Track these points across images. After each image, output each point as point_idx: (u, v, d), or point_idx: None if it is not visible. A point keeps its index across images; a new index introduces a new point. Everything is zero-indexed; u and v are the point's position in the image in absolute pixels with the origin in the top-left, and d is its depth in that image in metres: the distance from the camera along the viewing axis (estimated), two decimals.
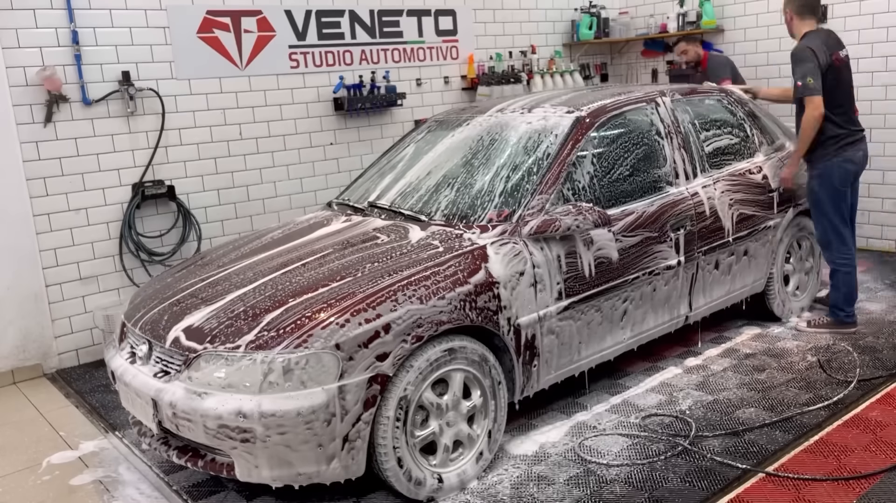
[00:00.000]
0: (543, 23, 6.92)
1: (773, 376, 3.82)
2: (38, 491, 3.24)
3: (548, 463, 3.14)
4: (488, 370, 3.04)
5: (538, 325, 3.19)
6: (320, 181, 5.68)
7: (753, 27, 6.44)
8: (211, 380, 2.71)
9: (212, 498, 3.06)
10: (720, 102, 4.40)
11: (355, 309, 2.73)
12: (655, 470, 3.02)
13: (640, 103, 3.92)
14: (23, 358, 4.57)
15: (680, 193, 3.83)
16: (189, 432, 2.74)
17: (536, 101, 4.00)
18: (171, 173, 4.99)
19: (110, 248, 4.83)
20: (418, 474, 2.85)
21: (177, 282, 3.38)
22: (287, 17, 5.37)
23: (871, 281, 5.21)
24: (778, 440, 3.19)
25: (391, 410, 2.74)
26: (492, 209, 3.34)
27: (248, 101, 5.27)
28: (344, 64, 5.68)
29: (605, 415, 3.52)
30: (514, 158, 3.56)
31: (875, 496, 2.75)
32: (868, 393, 3.57)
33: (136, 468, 3.35)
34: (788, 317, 4.58)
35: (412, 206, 3.60)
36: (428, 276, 2.92)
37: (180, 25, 4.93)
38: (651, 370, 3.99)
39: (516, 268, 3.12)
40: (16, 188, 4.42)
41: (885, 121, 5.75)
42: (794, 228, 4.51)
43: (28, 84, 4.42)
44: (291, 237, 3.60)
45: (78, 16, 4.54)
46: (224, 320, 2.85)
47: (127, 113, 4.75)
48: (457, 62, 6.33)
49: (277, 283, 3.02)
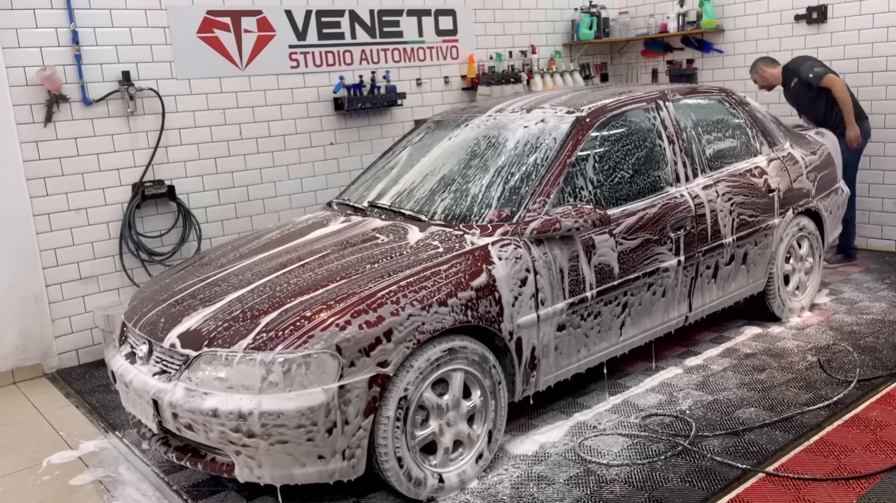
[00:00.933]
0: (543, 23, 6.92)
1: (773, 376, 3.82)
2: (38, 491, 3.24)
3: (548, 463, 3.14)
4: (488, 370, 3.04)
5: (539, 325, 3.18)
6: (320, 181, 5.68)
7: (753, 27, 6.44)
8: (211, 381, 2.71)
9: (212, 498, 3.06)
10: (721, 103, 4.40)
11: (355, 310, 2.73)
12: (655, 470, 3.02)
13: (640, 103, 3.92)
14: (23, 358, 4.57)
15: (680, 194, 3.83)
16: (189, 432, 2.75)
17: (536, 101, 4.00)
18: (171, 173, 4.99)
19: (110, 248, 4.83)
20: (418, 474, 2.85)
21: (177, 282, 3.38)
22: (287, 16, 5.37)
23: (872, 281, 5.21)
24: (778, 440, 3.19)
25: (391, 410, 2.74)
26: (492, 209, 3.34)
27: (248, 100, 5.27)
28: (344, 64, 5.68)
29: (605, 415, 3.52)
30: (515, 159, 3.56)
31: (875, 496, 2.75)
32: (868, 393, 3.57)
33: (136, 468, 3.35)
34: (788, 317, 4.58)
35: (412, 207, 3.60)
36: (428, 277, 2.92)
37: (180, 25, 4.93)
38: (651, 370, 3.99)
39: (517, 269, 3.12)
40: (16, 188, 4.42)
41: (885, 121, 5.75)
42: (794, 229, 4.51)
43: (28, 84, 4.42)
44: (291, 237, 3.60)
45: (78, 16, 4.54)
46: (224, 321, 2.85)
47: (127, 113, 4.75)
48: (457, 62, 6.33)
49: (277, 284, 3.02)
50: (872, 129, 5.51)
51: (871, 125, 5.47)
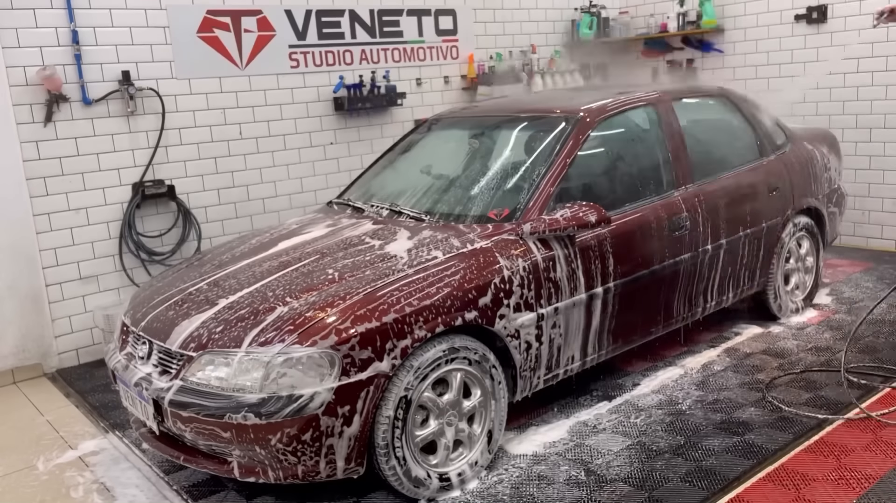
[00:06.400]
0: (543, 22, 6.91)
1: (774, 376, 3.82)
2: (38, 490, 3.24)
3: (548, 463, 3.14)
4: (489, 370, 3.03)
5: (539, 324, 3.18)
6: (320, 181, 5.68)
7: (753, 27, 6.43)
8: (211, 380, 2.71)
9: (212, 498, 3.06)
10: (721, 103, 4.40)
11: (356, 310, 2.73)
12: (655, 470, 3.02)
13: (640, 103, 3.92)
14: (23, 357, 4.57)
15: (680, 193, 3.83)
16: (189, 432, 2.75)
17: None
18: (171, 173, 4.99)
19: (110, 248, 4.82)
20: (418, 474, 2.85)
21: (177, 281, 3.38)
22: (287, 16, 5.36)
23: (872, 280, 5.21)
24: (778, 440, 3.19)
25: (391, 410, 2.74)
26: (492, 209, 3.34)
27: (248, 100, 5.27)
28: (344, 64, 5.67)
29: (605, 415, 3.52)
30: (515, 158, 3.56)
31: (875, 496, 2.76)
32: (868, 392, 3.57)
33: (136, 468, 3.35)
34: (789, 316, 4.58)
35: (413, 206, 3.59)
36: (427, 277, 2.92)
37: (180, 25, 4.93)
38: (651, 370, 3.99)
39: (517, 268, 3.12)
40: (16, 188, 4.42)
41: (885, 121, 5.74)
42: (794, 228, 4.51)
43: (28, 84, 4.42)
44: (292, 236, 3.60)
45: (78, 15, 4.54)
46: (224, 321, 2.85)
47: (127, 112, 4.75)
48: (457, 62, 6.33)
49: (278, 283, 3.02)
50: (872, 129, 5.45)
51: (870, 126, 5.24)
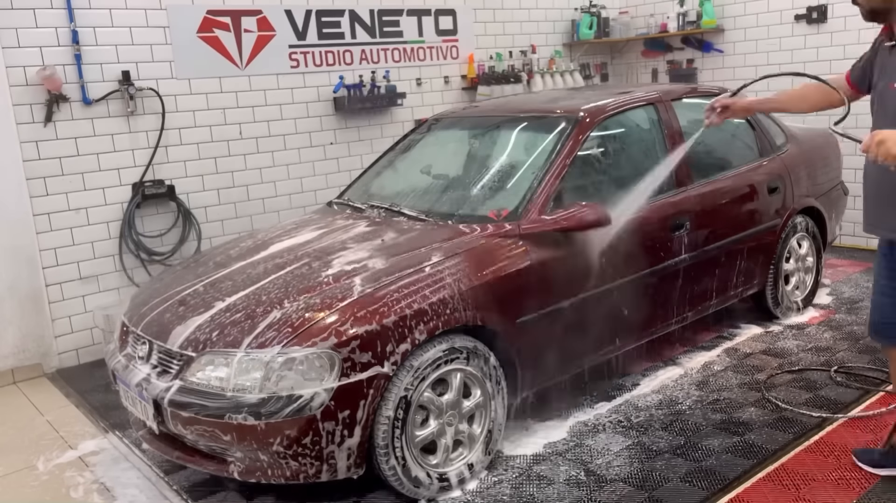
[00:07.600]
0: (543, 22, 6.91)
1: (773, 376, 3.82)
2: (38, 490, 3.24)
3: (548, 463, 3.14)
4: (489, 370, 3.03)
5: (539, 324, 3.18)
6: (320, 181, 5.68)
7: (753, 27, 6.43)
8: (211, 381, 2.71)
9: (212, 498, 3.06)
10: None
11: (356, 310, 2.73)
12: (655, 470, 3.02)
13: (640, 103, 3.91)
14: (23, 357, 4.56)
15: (680, 193, 3.83)
16: (189, 432, 2.75)
17: None
18: (171, 173, 4.99)
19: (110, 248, 4.82)
20: (418, 474, 2.85)
21: (177, 281, 3.38)
22: (287, 16, 5.36)
23: (872, 281, 5.19)
24: (778, 440, 3.19)
25: (391, 410, 2.74)
26: (492, 208, 3.34)
27: (248, 100, 5.26)
28: (344, 64, 5.67)
29: (605, 416, 3.51)
30: (514, 158, 3.56)
31: (875, 496, 2.76)
32: (868, 392, 3.57)
33: (136, 468, 3.34)
34: (789, 316, 4.58)
35: (413, 206, 3.59)
36: (427, 276, 2.92)
37: (180, 25, 4.93)
38: (651, 370, 3.99)
39: (517, 268, 3.11)
40: (16, 188, 4.42)
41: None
42: (795, 228, 4.51)
43: (28, 84, 4.42)
44: (292, 236, 3.60)
45: (78, 15, 4.54)
46: (224, 321, 2.85)
47: (127, 112, 4.75)
48: (457, 62, 6.33)
49: (278, 283, 3.02)
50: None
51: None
